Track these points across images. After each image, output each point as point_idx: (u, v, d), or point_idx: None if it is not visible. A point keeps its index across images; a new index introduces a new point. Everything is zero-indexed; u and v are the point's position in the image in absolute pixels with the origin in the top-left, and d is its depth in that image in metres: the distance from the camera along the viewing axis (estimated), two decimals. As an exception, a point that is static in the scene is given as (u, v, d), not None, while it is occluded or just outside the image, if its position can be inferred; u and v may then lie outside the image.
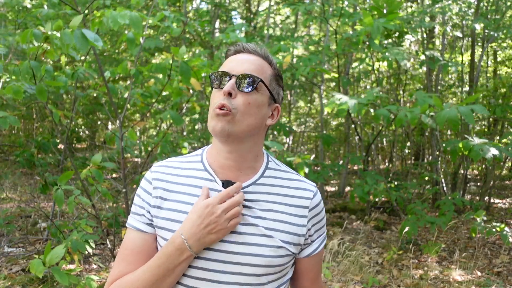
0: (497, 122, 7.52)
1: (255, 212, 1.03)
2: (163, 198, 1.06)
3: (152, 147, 3.88)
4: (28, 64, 2.56)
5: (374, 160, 8.46)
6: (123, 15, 2.48)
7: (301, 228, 1.06)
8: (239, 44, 1.09)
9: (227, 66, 1.05)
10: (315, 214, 1.10)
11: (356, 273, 3.92)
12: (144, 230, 1.08)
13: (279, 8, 9.56)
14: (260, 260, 1.00)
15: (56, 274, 2.22)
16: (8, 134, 10.20)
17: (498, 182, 8.81)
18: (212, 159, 1.09)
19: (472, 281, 3.78)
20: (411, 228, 4.39)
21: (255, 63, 1.05)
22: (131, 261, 1.07)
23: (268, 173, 1.09)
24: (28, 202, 5.59)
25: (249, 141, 1.05)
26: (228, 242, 1.00)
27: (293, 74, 5.76)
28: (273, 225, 1.03)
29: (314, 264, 1.15)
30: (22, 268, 3.70)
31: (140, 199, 1.10)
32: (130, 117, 9.79)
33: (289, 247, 1.04)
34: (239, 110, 1.00)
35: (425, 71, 7.38)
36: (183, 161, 1.13)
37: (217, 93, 1.03)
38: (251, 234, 1.01)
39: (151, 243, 1.08)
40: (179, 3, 7.77)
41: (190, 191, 1.06)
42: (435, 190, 6.45)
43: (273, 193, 1.07)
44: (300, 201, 1.08)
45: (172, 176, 1.09)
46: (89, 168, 2.90)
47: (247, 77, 1.01)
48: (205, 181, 1.06)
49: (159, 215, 1.05)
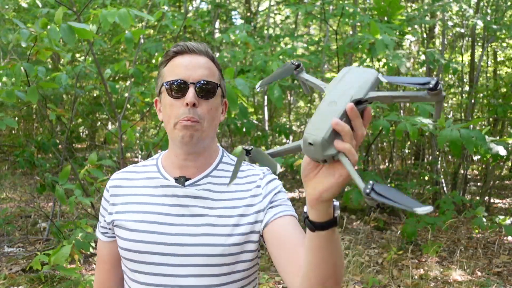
0: (497, 122, 7.52)
1: (207, 203, 1.05)
2: (118, 203, 1.11)
3: (152, 147, 3.88)
4: (20, 65, 2.56)
5: (374, 160, 8.45)
6: (112, 13, 2.48)
7: (258, 204, 1.05)
8: (181, 44, 1.07)
9: (180, 73, 1.03)
10: (271, 189, 1.08)
11: (356, 273, 3.92)
12: (101, 238, 1.16)
13: (280, 8, 9.55)
14: (215, 250, 1.01)
15: (61, 269, 2.24)
16: (8, 134, 10.19)
17: (498, 182, 8.81)
18: (168, 161, 1.12)
19: (472, 281, 3.78)
20: (410, 231, 4.40)
21: (206, 66, 1.06)
22: (100, 269, 1.17)
23: (221, 167, 1.12)
24: (28, 202, 5.58)
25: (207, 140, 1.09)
26: (180, 235, 1.02)
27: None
28: (226, 212, 1.04)
29: (288, 231, 0.99)
30: (22, 268, 3.69)
31: (101, 206, 1.17)
32: (130, 117, 9.79)
33: (245, 229, 1.03)
34: (205, 118, 1.03)
35: (425, 71, 7.38)
36: (139, 165, 1.18)
37: (177, 102, 1.03)
38: (202, 224, 1.03)
39: (115, 250, 1.13)
40: (179, 3, 7.76)
41: (143, 192, 1.10)
42: (435, 189, 6.45)
43: (225, 184, 1.09)
44: (251, 184, 1.09)
45: (128, 181, 1.14)
46: (87, 167, 2.90)
47: (206, 85, 1.03)
48: (156, 180, 1.10)
49: (117, 218, 1.09)
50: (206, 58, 1.07)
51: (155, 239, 1.03)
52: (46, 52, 2.52)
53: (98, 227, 1.17)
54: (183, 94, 1.02)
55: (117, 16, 2.43)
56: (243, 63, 6.26)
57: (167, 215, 1.05)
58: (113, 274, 1.16)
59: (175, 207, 1.05)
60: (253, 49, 4.43)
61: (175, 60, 1.07)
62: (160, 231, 1.03)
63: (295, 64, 0.86)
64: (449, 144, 3.30)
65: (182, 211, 1.05)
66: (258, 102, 9.88)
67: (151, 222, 1.05)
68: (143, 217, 1.06)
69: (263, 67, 4.10)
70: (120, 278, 1.16)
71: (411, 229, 4.43)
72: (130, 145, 3.81)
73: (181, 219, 1.04)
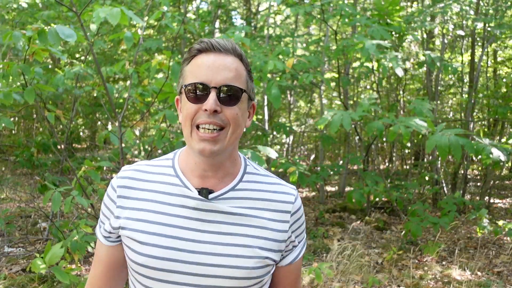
0: (497, 122, 7.52)
1: (234, 219, 0.97)
2: (128, 208, 1.00)
3: (152, 147, 3.88)
4: (17, 66, 2.57)
5: (374, 160, 8.45)
6: (105, 10, 2.49)
7: (282, 234, 1.00)
8: (205, 41, 0.96)
9: (201, 75, 0.93)
10: (297, 219, 1.05)
11: (356, 273, 3.92)
12: (102, 242, 1.05)
13: (280, 8, 9.56)
14: (240, 273, 0.94)
15: (57, 272, 2.23)
16: (8, 134, 10.19)
17: (498, 182, 8.81)
18: (186, 167, 1.01)
19: (472, 281, 3.78)
20: (414, 229, 4.39)
21: (231, 67, 0.94)
22: (96, 268, 1.08)
23: (247, 178, 1.03)
24: (28, 202, 5.58)
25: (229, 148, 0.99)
26: (204, 254, 0.94)
27: (293, 75, 5.76)
28: (253, 232, 0.97)
29: (295, 271, 1.08)
30: (22, 268, 3.70)
31: (104, 206, 1.04)
32: (130, 117, 9.79)
33: (270, 254, 0.98)
34: (230, 124, 0.94)
35: (425, 71, 7.38)
36: (153, 164, 1.05)
37: (195, 106, 0.93)
38: (229, 244, 0.95)
39: (116, 254, 1.05)
40: (179, 3, 7.76)
41: (159, 198, 0.99)
42: (436, 190, 6.45)
43: (252, 198, 1.00)
44: (282, 205, 1.02)
45: (140, 182, 1.01)
46: (84, 169, 2.89)
47: (229, 90, 0.93)
48: (175, 187, 0.99)
49: (126, 226, 0.98)
50: (233, 57, 0.96)
51: (173, 256, 0.94)
52: (42, 52, 2.53)
53: (99, 227, 1.06)
54: (203, 99, 0.92)
55: (109, 14, 2.43)
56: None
57: (188, 230, 0.95)
58: (108, 277, 1.07)
59: (197, 222, 0.96)
60: (249, 50, 4.44)
61: (198, 58, 0.96)
62: (180, 247, 0.94)
63: None
64: (437, 149, 3.30)
65: (204, 227, 0.96)
66: (258, 102, 9.88)
67: (169, 237, 0.95)
68: (160, 230, 0.95)
69: (262, 67, 4.11)
70: (116, 282, 1.08)
71: (415, 227, 4.43)
72: (128, 145, 3.81)
73: (203, 235, 0.95)
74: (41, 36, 2.37)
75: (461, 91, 8.15)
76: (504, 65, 8.81)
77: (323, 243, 4.85)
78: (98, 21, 2.44)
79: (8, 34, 2.42)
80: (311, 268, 3.12)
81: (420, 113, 3.98)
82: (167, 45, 8.20)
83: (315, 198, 7.88)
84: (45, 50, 2.52)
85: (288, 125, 6.55)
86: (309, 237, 5.20)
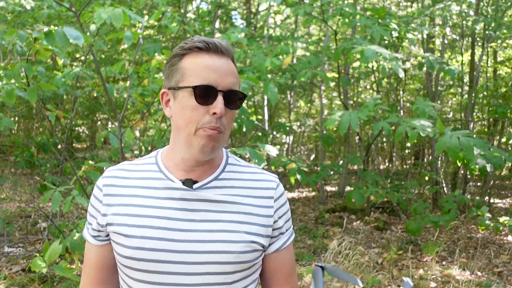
0: (497, 122, 7.52)
1: (219, 206, 0.99)
2: (114, 205, 1.01)
3: (152, 147, 3.88)
4: (19, 66, 2.56)
5: (374, 160, 8.45)
6: (107, 11, 2.49)
7: (268, 218, 1.03)
8: (208, 41, 0.97)
9: (209, 77, 0.94)
10: (281, 205, 1.07)
11: (356, 273, 3.92)
12: (90, 242, 1.05)
13: (280, 8, 9.56)
14: (228, 257, 0.96)
15: (57, 269, 2.23)
16: (8, 134, 10.19)
17: (498, 182, 8.81)
18: (170, 163, 1.04)
19: (472, 281, 3.78)
20: (414, 227, 4.39)
21: (234, 73, 0.98)
22: (87, 274, 1.07)
23: (229, 168, 1.06)
24: (28, 202, 5.59)
25: None
26: (191, 242, 0.96)
27: (293, 75, 5.76)
28: (239, 218, 0.99)
29: (286, 261, 1.09)
30: (22, 268, 3.70)
31: (91, 207, 1.06)
32: (130, 117, 9.80)
33: (256, 239, 1.00)
34: (226, 127, 0.98)
35: (425, 71, 7.38)
36: (135, 163, 1.08)
37: (201, 108, 0.94)
38: (216, 230, 0.97)
39: (106, 254, 1.05)
40: (179, 3, 7.76)
41: (144, 193, 1.01)
42: (436, 189, 6.45)
43: (236, 187, 1.03)
44: (264, 192, 1.05)
45: (124, 179, 1.04)
46: (84, 169, 2.89)
47: (235, 95, 0.97)
48: (159, 181, 1.01)
49: (113, 222, 1.00)
50: (230, 60, 0.99)
51: (163, 246, 0.95)
52: (45, 52, 2.53)
53: (87, 228, 1.07)
54: (210, 101, 0.94)
55: (111, 15, 2.43)
56: (243, 63, 6.26)
57: (175, 220, 0.97)
58: (99, 280, 1.07)
59: (183, 212, 0.98)
60: (247, 50, 4.45)
61: (199, 57, 0.96)
62: (169, 237, 0.96)
63: (320, 266, 1.18)
64: (448, 151, 3.25)
65: (191, 216, 0.98)
66: (258, 102, 9.89)
67: (157, 228, 0.96)
68: (148, 222, 0.97)
69: (260, 65, 4.12)
70: (107, 286, 1.08)
71: (415, 225, 4.43)
72: (126, 144, 3.80)
73: (191, 224, 0.97)
74: (48, 38, 2.35)
75: (461, 91, 8.16)
76: (504, 65, 8.81)
77: (323, 243, 4.86)
78: (100, 22, 2.44)
79: (13, 32, 2.41)
80: (311, 268, 3.11)
81: (423, 114, 3.95)
82: (167, 45, 8.21)
83: (315, 198, 7.88)
84: (48, 50, 2.51)
85: (288, 125, 6.55)
86: (309, 237, 5.20)
